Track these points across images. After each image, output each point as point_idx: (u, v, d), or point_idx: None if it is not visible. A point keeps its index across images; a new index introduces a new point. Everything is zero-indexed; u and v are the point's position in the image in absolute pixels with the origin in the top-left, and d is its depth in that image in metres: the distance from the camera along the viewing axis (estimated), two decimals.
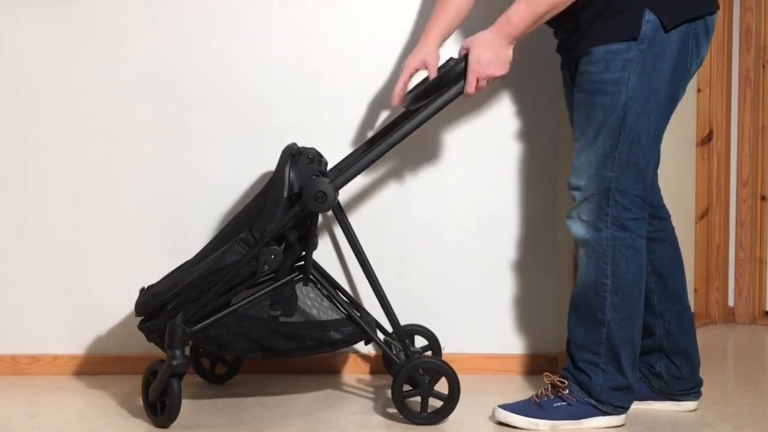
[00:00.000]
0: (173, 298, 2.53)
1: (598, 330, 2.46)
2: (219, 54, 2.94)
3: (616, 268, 2.43)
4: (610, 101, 2.38)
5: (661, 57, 2.36)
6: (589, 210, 2.44)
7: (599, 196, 2.42)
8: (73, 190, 2.97)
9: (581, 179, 2.44)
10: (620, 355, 2.46)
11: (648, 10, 2.34)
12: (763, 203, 3.71)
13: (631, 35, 2.35)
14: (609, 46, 2.36)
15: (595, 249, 2.44)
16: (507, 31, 2.41)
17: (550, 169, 2.96)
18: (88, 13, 2.93)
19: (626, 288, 2.44)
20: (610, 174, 2.40)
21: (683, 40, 2.38)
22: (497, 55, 2.43)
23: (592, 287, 2.46)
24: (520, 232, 2.98)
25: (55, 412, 2.65)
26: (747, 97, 3.66)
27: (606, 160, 2.40)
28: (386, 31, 2.95)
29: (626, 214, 2.42)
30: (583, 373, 2.48)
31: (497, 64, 2.44)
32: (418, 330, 2.91)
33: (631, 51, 2.35)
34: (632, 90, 2.36)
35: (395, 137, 2.52)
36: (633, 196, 2.42)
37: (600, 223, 2.43)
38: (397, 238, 2.98)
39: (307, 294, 2.61)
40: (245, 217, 2.63)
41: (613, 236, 2.42)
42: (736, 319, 3.74)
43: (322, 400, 2.76)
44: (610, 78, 2.37)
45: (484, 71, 2.44)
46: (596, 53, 2.39)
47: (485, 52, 2.43)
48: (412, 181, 2.98)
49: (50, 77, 2.95)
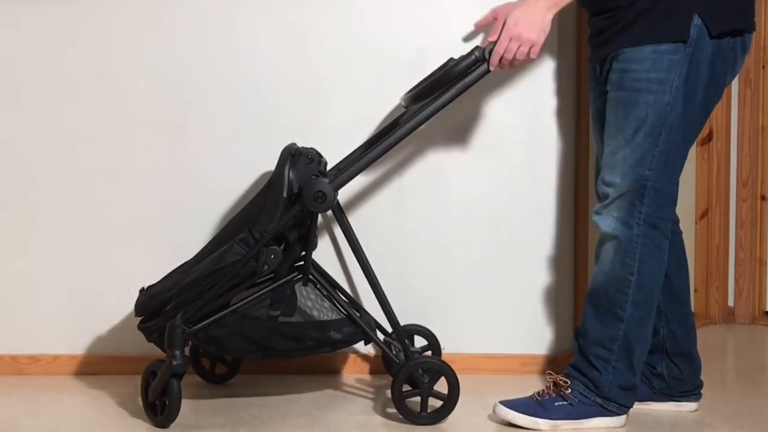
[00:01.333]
0: (173, 298, 2.53)
1: (615, 326, 2.46)
2: (219, 54, 2.94)
3: (643, 266, 2.43)
4: (653, 100, 2.38)
5: (703, 63, 2.38)
6: (621, 207, 2.43)
7: (633, 194, 2.42)
8: (73, 190, 2.97)
9: (616, 176, 2.44)
10: (633, 353, 2.46)
11: (697, 14, 2.35)
12: (763, 203, 3.71)
13: (680, 37, 2.35)
14: (657, 46, 2.36)
15: (624, 245, 2.44)
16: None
17: (550, 168, 2.96)
18: (88, 13, 2.93)
19: (649, 287, 2.45)
20: (647, 172, 2.40)
21: (723, 51, 2.40)
22: (536, 18, 2.39)
23: (615, 283, 2.45)
24: (520, 232, 2.98)
25: (54, 412, 2.65)
26: (747, 97, 3.66)
27: (644, 158, 2.40)
28: (386, 31, 2.94)
29: (658, 213, 2.43)
30: (594, 368, 2.48)
31: (534, 28, 2.39)
32: (418, 330, 2.91)
33: (678, 53, 2.36)
34: (676, 91, 2.37)
35: (395, 137, 2.52)
36: (666, 195, 2.43)
37: (632, 220, 2.43)
38: (396, 238, 2.98)
39: (308, 295, 2.61)
40: (245, 218, 2.63)
41: (644, 234, 2.42)
42: (736, 319, 3.73)
43: (322, 401, 2.76)
44: (655, 77, 2.37)
45: (520, 31, 2.39)
46: (642, 52, 2.38)
47: (524, 14, 2.40)
48: (412, 181, 2.98)
49: (50, 77, 2.95)
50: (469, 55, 2.50)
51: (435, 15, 2.92)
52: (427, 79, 2.60)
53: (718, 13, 2.38)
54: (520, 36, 2.40)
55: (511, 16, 2.42)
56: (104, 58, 2.94)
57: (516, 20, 2.40)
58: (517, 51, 2.42)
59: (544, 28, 2.41)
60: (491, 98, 2.94)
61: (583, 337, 2.50)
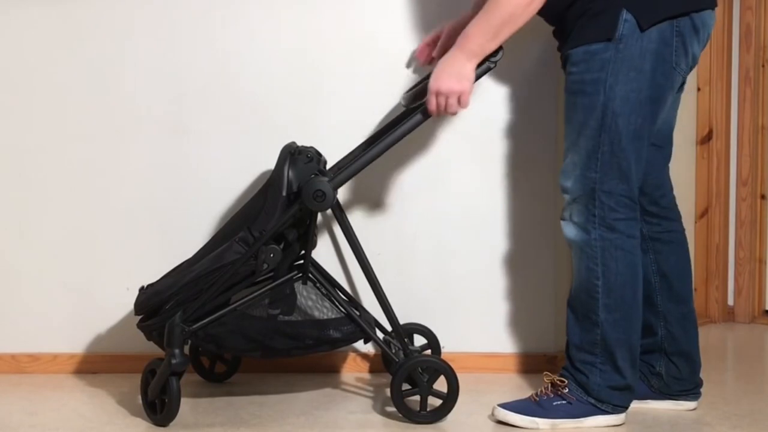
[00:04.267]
0: (172, 296, 2.53)
1: (593, 331, 2.46)
2: (219, 53, 2.94)
3: (606, 270, 2.43)
4: (589, 102, 2.38)
5: (640, 56, 2.35)
6: (578, 212, 2.44)
7: (585, 198, 2.42)
8: (73, 189, 2.97)
9: (568, 181, 2.45)
10: (616, 356, 2.46)
11: (625, 9, 2.33)
12: (763, 202, 3.71)
13: (607, 35, 2.34)
14: (588, 47, 2.36)
15: (585, 250, 2.44)
16: (463, 45, 2.40)
17: (548, 168, 2.96)
18: (88, 13, 2.93)
19: (618, 289, 2.44)
20: (593, 175, 2.40)
21: (664, 39, 2.36)
22: (453, 69, 2.40)
23: (584, 289, 2.46)
24: (519, 231, 2.98)
25: (54, 411, 2.65)
26: (747, 96, 3.66)
27: (589, 161, 2.40)
28: (386, 30, 2.94)
29: (613, 215, 2.41)
30: (581, 373, 2.48)
31: (453, 79, 2.40)
32: (418, 329, 2.91)
33: (608, 51, 2.34)
34: (610, 90, 2.35)
35: (394, 136, 2.52)
36: (618, 196, 2.41)
37: (588, 225, 2.43)
38: (396, 236, 2.98)
39: (308, 295, 2.61)
40: (244, 216, 2.63)
41: (601, 237, 2.42)
42: (736, 318, 3.74)
43: (321, 399, 2.76)
44: (589, 78, 2.37)
45: (440, 86, 2.41)
46: (576, 54, 2.39)
47: (443, 67, 2.42)
48: (411, 180, 2.98)
49: (50, 77, 2.95)
50: None
51: (435, 15, 2.92)
52: (427, 78, 2.60)
53: (647, 3, 2.34)
54: (439, 90, 2.41)
55: (433, 72, 2.44)
56: (104, 57, 2.94)
57: (436, 75, 2.42)
58: (446, 104, 2.43)
59: (466, 76, 2.41)
60: (491, 98, 2.94)
61: (568, 344, 2.52)
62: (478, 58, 2.41)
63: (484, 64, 2.47)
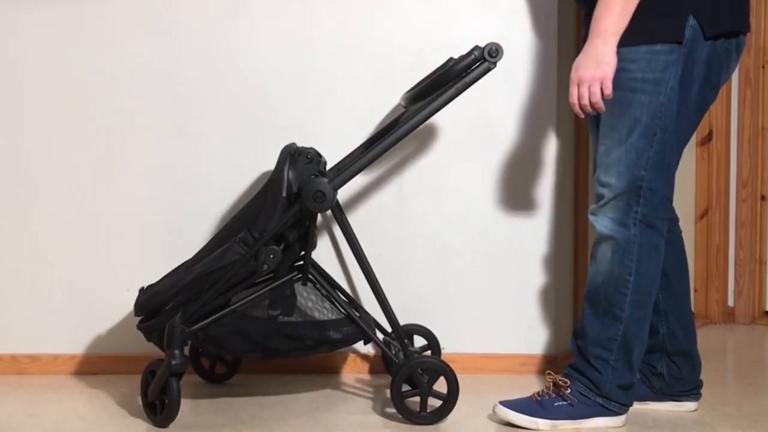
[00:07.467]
0: (172, 297, 2.53)
1: (614, 326, 2.46)
2: (219, 54, 2.94)
3: (640, 266, 2.44)
4: (648, 100, 2.38)
5: (698, 64, 2.39)
6: (617, 207, 2.44)
7: (629, 194, 2.42)
8: (73, 190, 2.97)
9: (611, 177, 2.43)
10: (632, 353, 2.46)
11: (692, 15, 2.35)
12: (763, 203, 3.70)
13: (675, 38, 2.36)
14: (652, 46, 2.36)
15: (622, 245, 2.44)
16: (596, 29, 2.35)
17: (549, 168, 2.96)
18: (88, 13, 2.93)
19: (647, 286, 2.45)
20: (642, 173, 2.41)
21: (718, 52, 2.41)
22: (590, 55, 2.35)
23: (613, 283, 2.45)
24: (520, 232, 2.98)
25: (54, 412, 2.65)
26: (747, 97, 3.66)
27: (639, 159, 2.40)
28: (386, 31, 2.94)
29: (654, 213, 2.43)
30: (593, 368, 2.48)
31: (591, 65, 2.34)
32: (417, 330, 2.91)
33: (673, 53, 2.36)
34: (671, 91, 2.37)
35: (395, 137, 2.52)
36: (661, 195, 2.43)
37: (628, 221, 2.43)
38: (396, 237, 2.98)
39: (308, 296, 2.61)
40: (244, 217, 2.63)
41: (640, 234, 2.43)
42: (736, 319, 3.73)
43: (321, 400, 2.76)
44: (650, 77, 2.37)
45: (581, 75, 2.35)
46: (637, 51, 2.37)
47: (581, 57, 2.37)
48: (412, 180, 2.98)
49: (50, 77, 2.95)
50: (469, 54, 2.50)
51: (435, 15, 2.92)
52: (427, 79, 2.60)
53: (712, 14, 2.38)
54: (581, 79, 2.36)
55: (573, 64, 2.39)
56: (104, 57, 2.94)
57: (575, 67, 2.38)
58: (589, 94, 2.36)
59: (606, 60, 2.33)
60: (491, 98, 2.94)
61: (582, 338, 2.50)
62: (615, 36, 2.34)
63: (484, 64, 2.48)
